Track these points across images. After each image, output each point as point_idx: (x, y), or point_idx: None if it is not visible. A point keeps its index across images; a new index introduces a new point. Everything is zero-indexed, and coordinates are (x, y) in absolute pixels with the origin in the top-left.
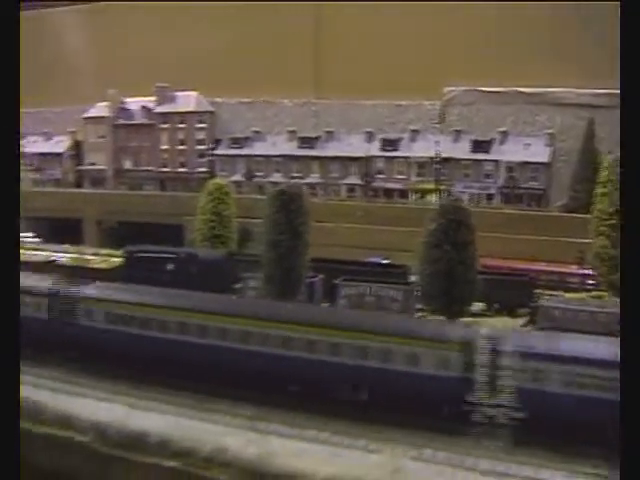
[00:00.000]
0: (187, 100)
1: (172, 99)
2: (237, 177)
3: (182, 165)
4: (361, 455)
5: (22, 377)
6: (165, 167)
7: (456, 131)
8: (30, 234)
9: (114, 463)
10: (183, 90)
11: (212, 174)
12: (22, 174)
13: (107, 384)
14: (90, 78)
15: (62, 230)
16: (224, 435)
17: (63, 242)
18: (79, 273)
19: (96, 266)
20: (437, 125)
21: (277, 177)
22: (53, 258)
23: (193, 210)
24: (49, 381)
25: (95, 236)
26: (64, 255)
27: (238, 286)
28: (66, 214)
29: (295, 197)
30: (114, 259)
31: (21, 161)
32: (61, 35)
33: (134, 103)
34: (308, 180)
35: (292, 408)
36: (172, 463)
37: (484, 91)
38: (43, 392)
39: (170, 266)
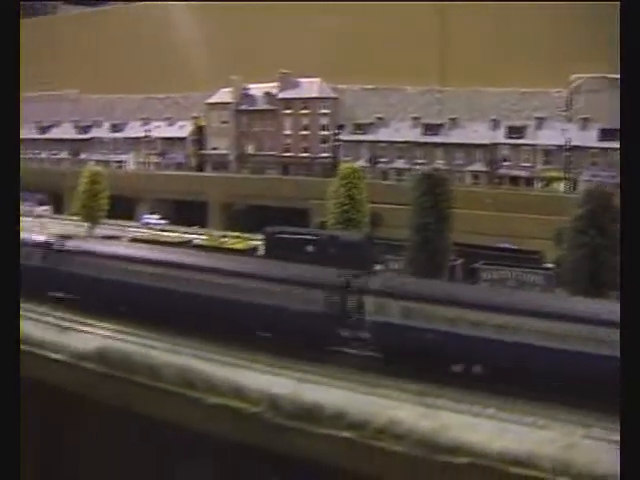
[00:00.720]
0: (310, 86)
1: (295, 85)
2: (361, 163)
3: (305, 150)
4: (531, 431)
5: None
6: (288, 152)
7: (583, 119)
8: (156, 215)
9: (287, 433)
10: (306, 77)
11: (335, 159)
12: (145, 158)
13: (272, 359)
14: (212, 66)
15: (186, 212)
16: (396, 408)
17: (188, 224)
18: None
19: (232, 247)
20: (564, 113)
21: (400, 163)
22: (189, 238)
23: (319, 194)
24: (218, 355)
25: (220, 218)
26: (197, 237)
27: (378, 268)
28: (190, 197)
29: (440, 181)
30: (249, 241)
31: (146, 145)
32: (181, 25)
33: (257, 89)
34: (432, 167)
35: (457, 386)
36: (347, 434)
37: (612, 78)
38: (213, 365)
39: (310, 248)
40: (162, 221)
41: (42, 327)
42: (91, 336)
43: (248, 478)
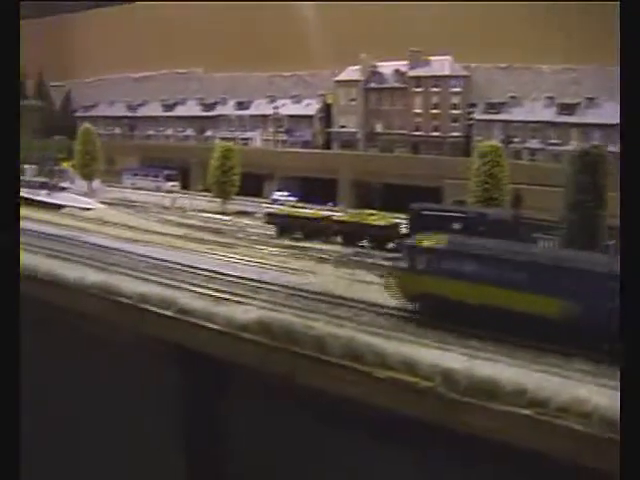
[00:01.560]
0: (441, 64)
1: (425, 63)
2: (493, 142)
3: (435, 129)
4: None
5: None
6: (417, 131)
7: None
8: (285, 192)
9: (462, 409)
10: (436, 55)
11: (467, 139)
12: (272, 135)
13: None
14: (340, 44)
15: (314, 189)
16: (576, 387)
17: (317, 201)
18: (359, 229)
19: (374, 223)
20: None
21: (534, 143)
22: (327, 214)
23: (451, 173)
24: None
25: (350, 196)
26: (333, 213)
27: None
28: (318, 174)
29: (599, 158)
30: (390, 218)
31: (272, 123)
32: (305, 3)
33: (386, 67)
34: (567, 147)
35: None
36: (527, 411)
37: None
38: (380, 337)
39: (457, 225)
40: (291, 198)
41: (197, 297)
42: (248, 307)
43: (420, 454)
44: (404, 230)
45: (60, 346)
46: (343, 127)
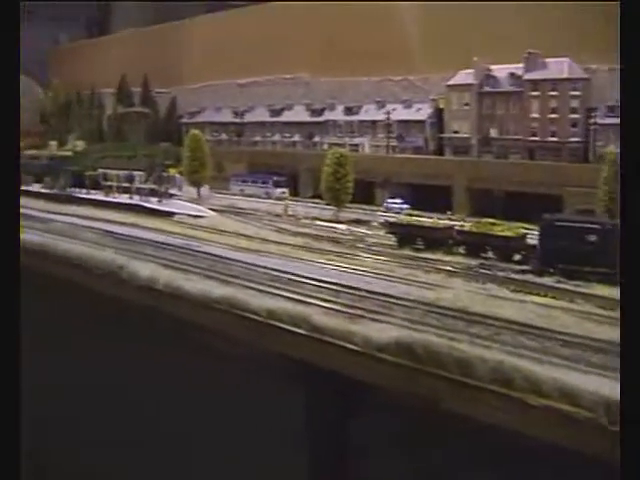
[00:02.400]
0: (559, 67)
1: (543, 66)
2: (614, 148)
3: (552, 134)
4: None
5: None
6: (534, 136)
7: None
8: (398, 200)
9: None
10: (554, 57)
11: (587, 144)
12: (382, 141)
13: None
14: (451, 48)
15: (427, 196)
16: None
17: (431, 209)
18: (484, 240)
19: (501, 234)
20: None
21: None
22: (449, 224)
23: (573, 180)
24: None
25: (465, 204)
26: (455, 222)
27: None
28: (431, 181)
29: None
30: (519, 229)
31: (382, 128)
32: (413, 6)
33: (501, 70)
34: None
35: None
36: None
37: None
38: (532, 361)
39: (592, 237)
40: (405, 205)
41: (329, 314)
42: (384, 325)
43: None
44: (531, 241)
45: (182, 360)
46: (456, 132)
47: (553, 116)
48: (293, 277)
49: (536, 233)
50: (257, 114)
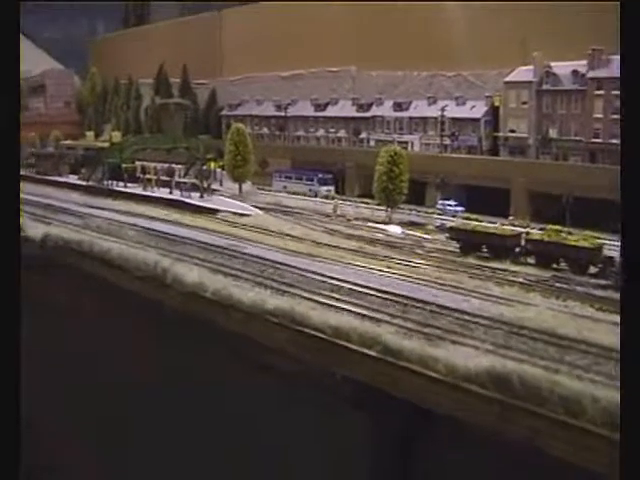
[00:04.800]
0: None
1: (607, 63)
2: None
3: (616, 136)
4: None
5: None
6: (597, 137)
7: None
8: (453, 202)
9: None
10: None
11: None
12: (434, 139)
13: None
14: (508, 41)
15: (482, 199)
16: None
17: (487, 212)
18: (557, 250)
19: (577, 244)
20: None
21: None
22: (518, 231)
23: None
24: None
25: (524, 207)
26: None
27: None
28: (488, 182)
29: None
30: (594, 239)
31: (433, 126)
32: None
33: (562, 67)
34: None
35: None
36: None
37: None
38: None
39: None
40: (459, 208)
41: (403, 334)
42: (468, 349)
43: None
44: (608, 253)
45: (234, 378)
46: (513, 132)
47: (617, 117)
48: (354, 287)
49: (613, 244)
50: (300, 108)
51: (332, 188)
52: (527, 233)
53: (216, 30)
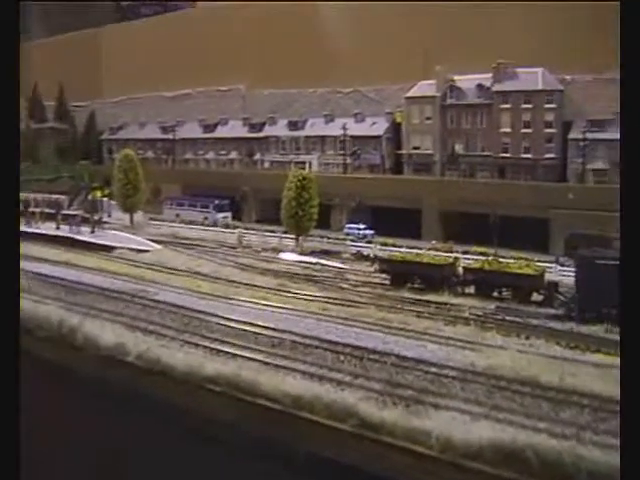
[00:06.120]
0: (531, 77)
1: (512, 76)
2: (598, 165)
3: (526, 150)
4: None
5: None
6: (505, 152)
7: None
8: (361, 225)
9: None
10: (526, 66)
11: (562, 161)
12: (331, 159)
13: None
14: (406, 54)
15: (390, 220)
16: None
17: (397, 235)
18: (498, 279)
19: (518, 272)
20: None
21: None
22: (453, 260)
23: (557, 202)
24: None
25: (438, 228)
26: (454, 255)
27: None
28: (395, 203)
29: None
30: (538, 264)
31: (332, 145)
32: (364, 16)
33: (466, 81)
34: None
35: None
36: None
37: None
38: None
39: None
40: (368, 231)
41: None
42: (459, 415)
43: None
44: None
45: (172, 459)
46: (417, 148)
47: (526, 131)
48: (296, 338)
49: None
50: (188, 129)
51: (229, 214)
52: (456, 259)
53: (94, 49)
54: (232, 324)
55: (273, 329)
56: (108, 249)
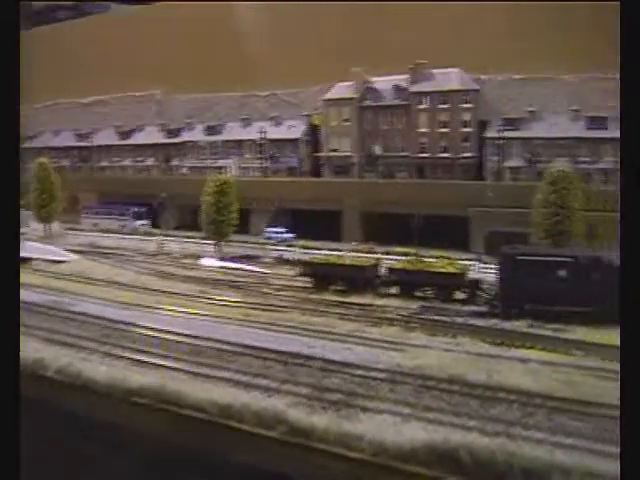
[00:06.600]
0: (448, 77)
1: (429, 77)
2: (513, 163)
3: (444, 150)
4: None
5: None
6: (423, 152)
7: None
8: (281, 229)
9: None
10: (442, 67)
11: (479, 159)
12: (249, 163)
13: None
14: (323, 59)
15: (309, 223)
16: None
17: (318, 237)
18: (421, 279)
19: (441, 271)
20: None
21: (562, 162)
22: (375, 262)
23: (475, 200)
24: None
25: (357, 230)
26: (377, 256)
27: None
28: (315, 205)
29: None
30: (460, 262)
31: (250, 148)
32: (279, 18)
33: (383, 82)
34: (600, 166)
35: None
36: None
37: None
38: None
39: (562, 272)
40: (288, 235)
41: (307, 407)
42: (391, 418)
43: None
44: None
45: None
46: (335, 151)
47: (443, 130)
48: (223, 346)
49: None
50: (104, 136)
51: (147, 222)
52: (378, 260)
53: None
54: (154, 333)
55: (195, 337)
56: (24, 261)
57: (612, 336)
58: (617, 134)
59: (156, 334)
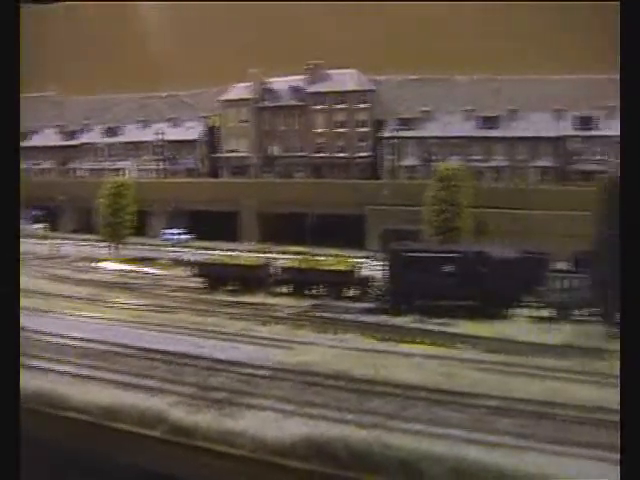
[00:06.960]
0: (344, 78)
1: (326, 78)
2: (409, 162)
3: (340, 150)
4: None
5: None
6: (320, 152)
7: None
8: (178, 230)
9: None
10: (339, 68)
11: (375, 159)
12: (149, 164)
13: None
14: (220, 60)
15: (208, 224)
16: None
17: (216, 238)
18: (312, 277)
19: (331, 268)
20: None
21: (455, 160)
22: (267, 261)
23: (371, 199)
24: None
25: (255, 230)
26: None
27: (543, 289)
28: (213, 206)
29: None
30: (350, 260)
31: (148, 150)
32: (177, 20)
33: (280, 83)
34: (491, 164)
35: None
36: None
37: None
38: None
39: (449, 267)
40: (185, 236)
41: (191, 409)
42: (276, 415)
43: None
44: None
45: None
46: (233, 151)
47: (340, 130)
48: (112, 348)
49: (368, 263)
50: None
51: (45, 225)
52: (269, 259)
53: None
54: (44, 337)
55: (81, 339)
56: None
57: (495, 328)
58: (508, 133)
59: (46, 337)
